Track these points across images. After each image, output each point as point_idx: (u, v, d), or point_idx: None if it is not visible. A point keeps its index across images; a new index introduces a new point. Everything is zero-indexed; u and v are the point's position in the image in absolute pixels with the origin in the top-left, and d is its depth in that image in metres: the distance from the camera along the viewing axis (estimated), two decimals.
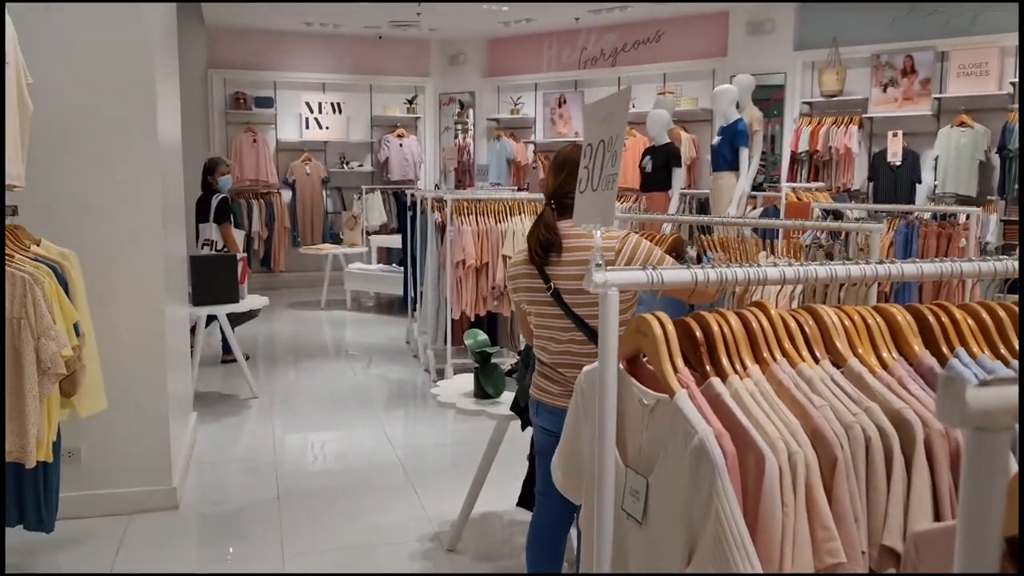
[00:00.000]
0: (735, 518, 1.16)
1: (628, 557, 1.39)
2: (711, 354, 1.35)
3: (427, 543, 3.69)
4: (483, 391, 3.46)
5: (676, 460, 1.26)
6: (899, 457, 1.22)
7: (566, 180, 2.51)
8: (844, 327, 1.39)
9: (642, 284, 1.31)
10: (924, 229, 4.98)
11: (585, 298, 2.44)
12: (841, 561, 1.16)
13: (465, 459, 4.80)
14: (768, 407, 1.27)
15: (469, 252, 5.78)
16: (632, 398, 1.39)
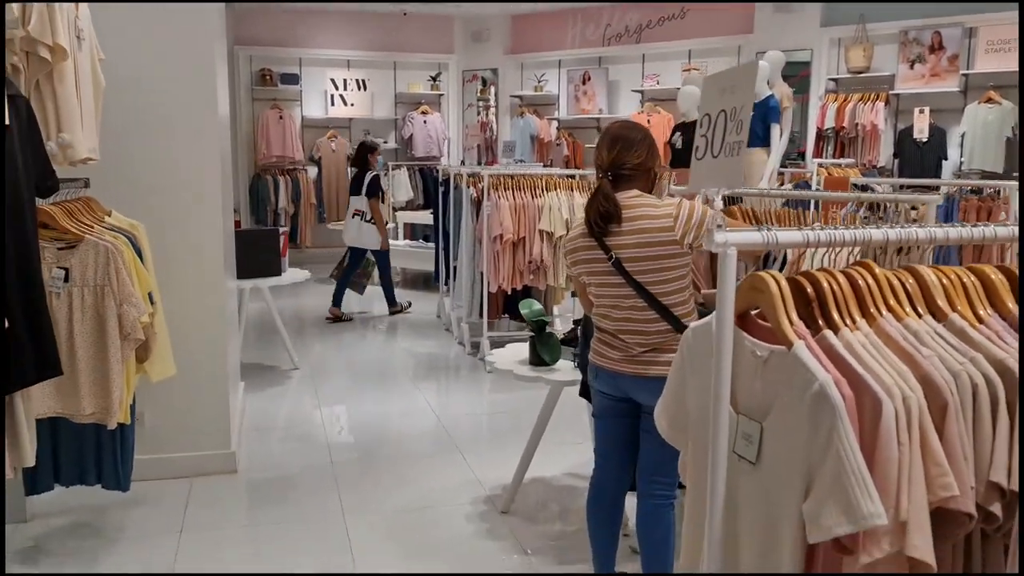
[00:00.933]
0: (855, 456, 1.27)
1: (739, 496, 1.50)
2: (822, 309, 1.45)
3: (481, 505, 3.83)
4: (539, 358, 3.57)
5: (793, 405, 1.37)
6: (1003, 401, 1.33)
7: (620, 154, 2.62)
8: (943, 285, 1.49)
9: (758, 244, 1.42)
10: (964, 203, 5.06)
11: (646, 265, 2.55)
12: (954, 494, 1.27)
13: (506, 427, 4.95)
14: (879, 356, 1.38)
15: (507, 227, 5.88)
16: (744, 350, 1.49)
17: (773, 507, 1.42)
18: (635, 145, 2.64)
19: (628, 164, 2.62)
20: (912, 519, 1.26)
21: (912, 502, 1.27)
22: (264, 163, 10.77)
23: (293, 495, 3.95)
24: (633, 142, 2.64)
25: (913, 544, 1.25)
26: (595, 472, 2.92)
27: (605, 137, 2.69)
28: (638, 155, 2.63)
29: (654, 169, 2.68)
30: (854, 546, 1.29)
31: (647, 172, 2.67)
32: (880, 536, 1.27)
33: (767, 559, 1.44)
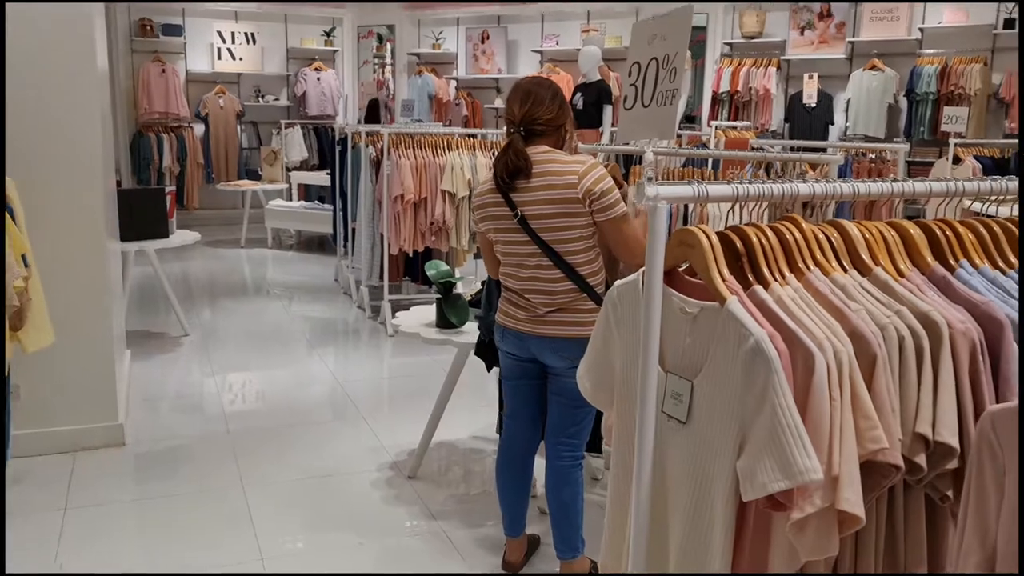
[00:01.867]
0: (791, 411, 1.25)
1: (668, 456, 1.47)
2: (751, 264, 1.42)
3: (387, 471, 3.75)
4: (447, 320, 3.49)
5: (727, 362, 1.34)
6: (928, 354, 1.33)
7: (532, 108, 2.55)
8: (865, 240, 1.49)
9: (690, 197, 1.37)
10: (857, 166, 5.23)
11: (551, 223, 2.50)
12: (884, 447, 1.27)
13: (410, 391, 4.86)
14: (809, 311, 1.36)
15: (408, 187, 5.73)
16: (672, 307, 1.45)
17: (704, 466, 1.40)
18: (547, 100, 2.57)
19: (540, 119, 2.55)
20: (843, 473, 1.26)
21: (843, 456, 1.26)
22: (146, 120, 10.19)
23: (187, 467, 3.76)
24: (545, 98, 2.57)
25: (844, 498, 1.25)
26: (504, 433, 2.88)
27: (516, 92, 2.61)
28: (550, 111, 2.56)
29: (565, 126, 2.63)
30: (788, 502, 1.27)
31: (558, 129, 2.61)
32: (812, 491, 1.26)
33: (698, 519, 1.42)
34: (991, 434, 1.01)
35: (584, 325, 2.55)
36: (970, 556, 1.06)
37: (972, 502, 1.07)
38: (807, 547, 1.30)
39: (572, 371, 2.60)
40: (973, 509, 1.07)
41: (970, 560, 1.06)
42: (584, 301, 2.56)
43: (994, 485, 1.03)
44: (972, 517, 1.07)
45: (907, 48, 8.38)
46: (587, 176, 2.45)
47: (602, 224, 2.49)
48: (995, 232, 1.59)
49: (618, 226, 2.47)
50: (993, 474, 1.02)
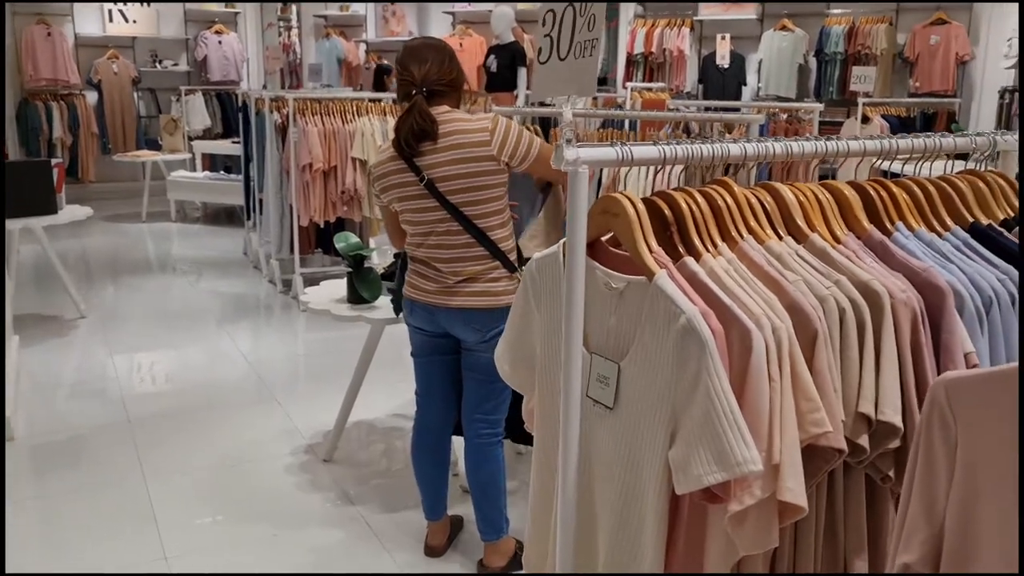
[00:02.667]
0: (727, 396, 1.14)
1: (594, 445, 1.36)
2: (681, 234, 1.30)
3: (302, 455, 3.56)
4: (358, 296, 3.31)
5: (656, 342, 1.22)
6: (870, 327, 1.24)
7: (431, 68, 2.40)
8: (800, 203, 1.39)
9: (612, 160, 1.24)
10: (774, 126, 5.22)
11: (461, 184, 2.36)
12: (827, 431, 1.17)
13: (324, 370, 4.66)
14: (745, 284, 1.25)
15: (316, 155, 5.47)
16: (596, 282, 1.33)
17: (634, 455, 1.28)
18: (446, 61, 2.45)
19: (443, 80, 2.41)
20: (785, 461, 1.16)
21: (784, 442, 1.16)
22: (32, 87, 9.53)
23: (85, 460, 3.51)
24: (444, 58, 2.44)
25: (787, 487, 1.15)
26: (417, 413, 2.75)
27: (412, 53, 2.45)
28: (450, 71, 2.44)
29: (462, 86, 2.50)
30: (725, 494, 1.17)
31: (457, 89, 2.48)
32: (751, 482, 1.16)
33: (628, 511, 1.30)
34: (944, 404, 0.92)
35: (496, 295, 2.43)
36: (915, 533, 0.97)
37: (919, 476, 0.98)
38: (746, 541, 1.20)
39: (485, 345, 2.47)
40: (920, 484, 0.98)
41: (915, 538, 0.98)
42: (496, 269, 2.44)
43: (944, 459, 0.94)
44: (918, 492, 0.98)
45: (816, 9, 8.44)
46: (497, 130, 2.34)
47: (532, 168, 2.43)
48: (929, 192, 1.51)
49: (547, 159, 2.38)
50: (943, 447, 0.93)
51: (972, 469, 0.89)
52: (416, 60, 2.43)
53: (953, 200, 1.51)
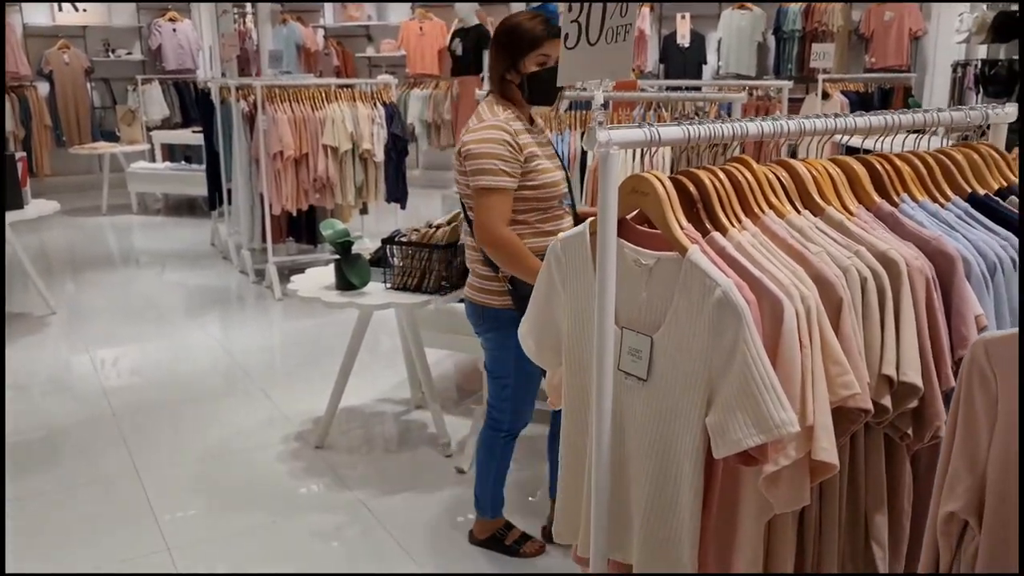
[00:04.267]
0: (763, 363, 1.19)
1: (626, 417, 1.41)
2: (707, 210, 1.35)
3: (293, 443, 3.57)
4: (347, 282, 3.32)
5: (691, 314, 1.27)
6: (890, 293, 1.30)
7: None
8: (814, 178, 1.45)
9: (642, 141, 1.28)
10: (744, 104, 5.30)
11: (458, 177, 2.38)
12: (856, 392, 1.23)
13: (305, 357, 4.66)
14: (771, 256, 1.31)
15: (287, 143, 5.43)
16: (624, 260, 1.37)
17: (668, 424, 1.34)
18: None
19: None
20: (818, 422, 1.22)
21: (816, 405, 1.23)
22: None
23: (74, 456, 3.47)
24: None
25: (821, 447, 1.22)
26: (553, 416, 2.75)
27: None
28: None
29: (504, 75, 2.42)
30: (762, 456, 1.23)
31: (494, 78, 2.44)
32: (787, 443, 1.22)
33: (663, 480, 1.36)
34: (984, 362, 0.99)
35: (482, 292, 2.43)
36: (958, 483, 1.04)
37: (961, 430, 1.05)
38: (781, 500, 1.27)
39: (482, 339, 2.52)
40: (962, 436, 1.04)
41: (959, 487, 1.05)
42: (482, 266, 2.42)
43: (985, 412, 1.01)
44: (960, 444, 1.05)
45: None
46: (468, 134, 2.32)
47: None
48: (930, 164, 1.58)
49: (475, 197, 2.29)
50: (985, 401, 1.00)
51: (1013, 419, 0.95)
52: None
53: (952, 172, 1.59)
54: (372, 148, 5.63)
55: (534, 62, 2.29)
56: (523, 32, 2.31)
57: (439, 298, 3.28)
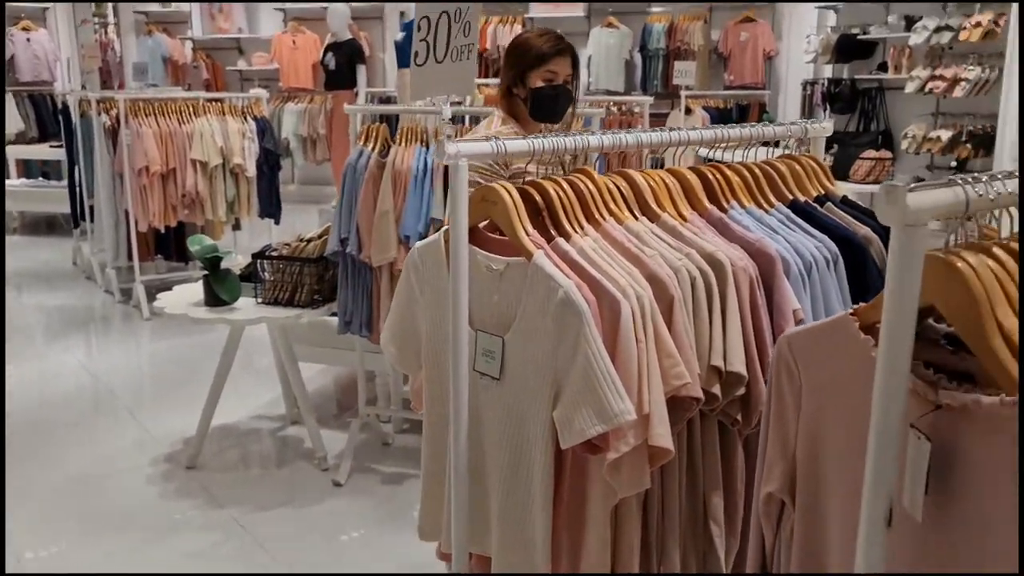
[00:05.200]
0: (603, 358, 1.30)
1: (483, 414, 1.48)
2: (552, 218, 1.45)
3: (163, 464, 3.49)
4: (217, 298, 3.28)
5: (537, 315, 1.36)
6: (716, 291, 1.43)
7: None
8: (651, 188, 1.57)
9: (490, 153, 1.37)
10: (609, 118, 5.52)
11: None
12: (687, 382, 1.35)
13: (175, 376, 4.55)
14: (610, 259, 1.41)
15: (153, 157, 5.28)
16: (477, 265, 1.45)
17: (520, 420, 1.42)
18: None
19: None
20: (653, 411, 1.33)
21: (652, 395, 1.33)
22: None
23: None
24: None
25: (657, 433, 1.32)
26: None
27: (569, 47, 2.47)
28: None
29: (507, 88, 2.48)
30: (604, 444, 1.33)
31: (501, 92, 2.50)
32: (626, 431, 1.33)
33: (517, 472, 1.44)
34: (788, 356, 1.11)
35: None
36: (774, 466, 1.16)
37: (773, 418, 1.17)
38: (624, 484, 1.37)
39: None
40: (774, 424, 1.16)
41: (775, 470, 1.17)
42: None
43: (792, 401, 1.13)
44: (773, 431, 1.17)
45: (638, 7, 8.93)
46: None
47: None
48: (756, 174, 1.74)
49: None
50: (790, 391, 1.12)
51: (816, 406, 1.08)
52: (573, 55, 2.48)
53: (776, 181, 1.75)
54: (243, 163, 5.55)
55: (540, 78, 2.35)
56: (530, 47, 2.37)
57: (312, 311, 3.29)
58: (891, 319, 0.80)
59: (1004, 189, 0.83)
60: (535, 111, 2.40)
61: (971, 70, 6.55)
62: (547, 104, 2.39)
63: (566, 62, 2.43)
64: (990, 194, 0.81)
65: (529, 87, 2.38)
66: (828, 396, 1.05)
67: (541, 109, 2.40)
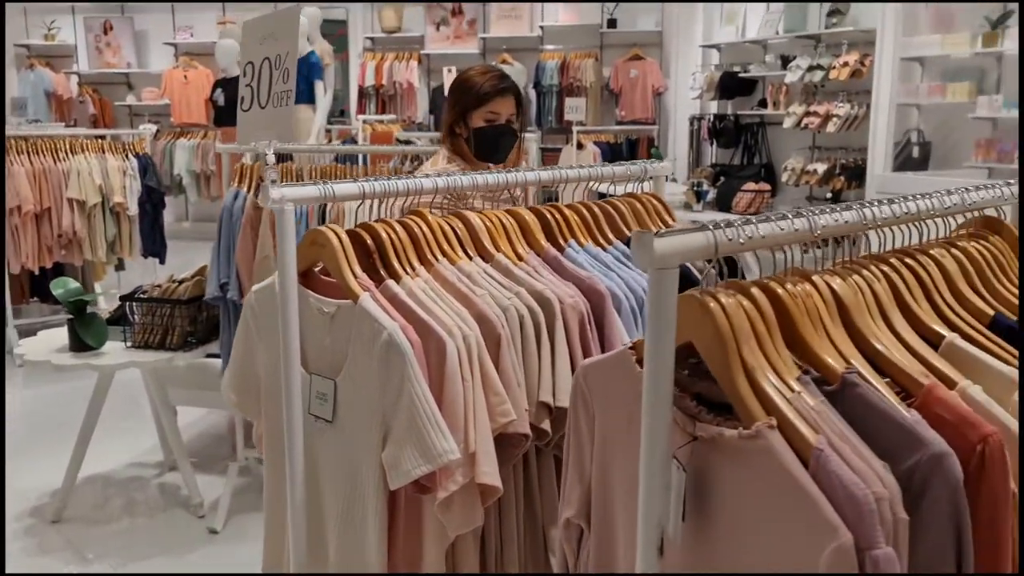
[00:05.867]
0: (427, 398, 1.31)
1: (319, 456, 1.48)
2: (383, 260, 1.47)
3: (27, 519, 3.33)
4: (82, 343, 3.16)
5: (365, 357, 1.37)
6: (545, 328, 1.47)
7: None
8: (487, 228, 1.61)
9: (316, 197, 1.38)
10: None
11: None
12: (513, 419, 1.38)
13: (46, 425, 4.35)
14: (439, 299, 1.44)
15: (25, 196, 5.09)
16: (310, 308, 1.46)
17: (353, 461, 1.43)
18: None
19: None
20: (479, 449, 1.35)
21: (478, 433, 1.36)
22: None
23: None
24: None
25: (483, 471, 1.34)
26: None
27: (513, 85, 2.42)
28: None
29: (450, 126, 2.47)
30: (432, 484, 1.34)
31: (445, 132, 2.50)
32: (454, 470, 1.34)
33: (352, 514, 1.44)
34: (583, 386, 1.15)
35: None
36: (572, 492, 1.20)
37: (571, 446, 1.20)
38: (455, 522, 1.39)
39: None
40: (572, 452, 1.20)
41: (572, 495, 1.20)
42: None
43: (587, 430, 1.16)
44: (572, 458, 1.20)
45: (532, 44, 9.12)
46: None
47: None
48: (596, 213, 1.80)
49: None
50: (586, 420, 1.16)
51: (604, 435, 1.12)
52: (516, 93, 2.45)
53: (615, 219, 1.81)
54: (124, 201, 5.40)
55: (481, 118, 2.32)
56: (472, 86, 2.34)
57: (186, 354, 3.21)
58: (651, 356, 0.85)
59: (756, 233, 0.89)
60: (477, 151, 2.37)
61: (841, 107, 6.93)
62: (489, 145, 2.35)
63: (509, 102, 2.39)
64: (740, 238, 0.87)
65: (471, 127, 2.36)
66: (613, 425, 1.09)
67: (483, 149, 2.36)
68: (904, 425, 0.78)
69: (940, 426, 0.83)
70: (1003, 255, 1.25)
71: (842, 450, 0.76)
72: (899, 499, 0.74)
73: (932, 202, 1.08)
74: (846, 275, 1.01)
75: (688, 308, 0.87)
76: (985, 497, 0.81)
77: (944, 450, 0.76)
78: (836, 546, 0.72)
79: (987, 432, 0.81)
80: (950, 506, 0.76)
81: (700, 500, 0.88)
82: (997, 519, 0.81)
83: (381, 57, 9.19)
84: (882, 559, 0.71)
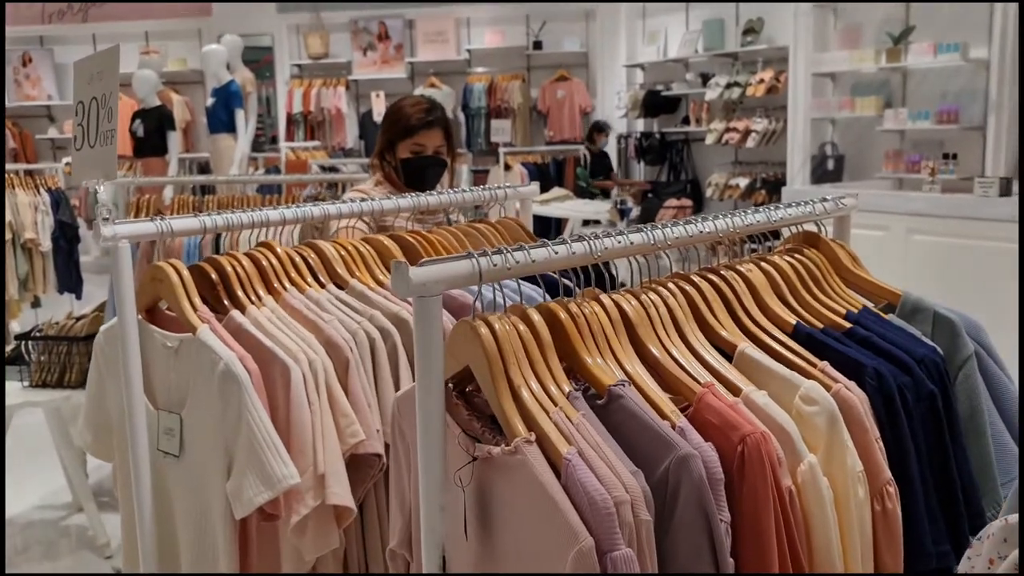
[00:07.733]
0: (265, 426, 1.32)
1: (170, 491, 1.47)
2: (228, 291, 1.47)
3: None
4: None
5: (205, 389, 1.37)
6: (400, 348, 1.48)
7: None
8: (342, 257, 1.62)
9: (153, 234, 1.38)
10: None
11: None
12: (362, 439, 1.39)
13: None
14: (285, 327, 1.44)
15: None
16: (155, 344, 1.45)
17: (202, 494, 1.42)
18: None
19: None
20: (328, 471, 1.36)
21: (327, 455, 1.36)
22: None
23: None
24: None
25: (333, 492, 1.35)
26: None
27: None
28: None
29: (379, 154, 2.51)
30: (277, 511, 1.34)
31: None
32: (303, 494, 1.35)
33: (203, 545, 1.43)
34: (398, 415, 1.16)
35: None
36: (395, 523, 1.21)
37: (392, 476, 1.21)
38: (310, 546, 1.38)
39: None
40: (393, 482, 1.21)
41: (396, 525, 1.21)
42: None
43: (405, 460, 1.17)
44: (393, 489, 1.21)
45: (459, 67, 9.19)
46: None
47: None
48: (460, 236, 1.82)
49: None
50: (403, 449, 1.17)
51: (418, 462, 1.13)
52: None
53: (480, 241, 1.84)
54: (36, 237, 5.29)
55: (408, 149, 2.36)
56: (399, 118, 2.38)
57: (84, 392, 3.15)
58: (421, 380, 0.87)
59: (527, 259, 0.92)
60: (406, 180, 2.41)
61: (759, 122, 7.11)
62: (415, 175, 2.39)
63: (436, 134, 2.43)
64: (507, 264, 0.90)
65: (398, 157, 2.39)
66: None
67: (410, 179, 2.40)
68: (659, 432, 0.82)
69: (708, 430, 0.87)
70: (819, 267, 1.30)
71: (591, 459, 0.79)
72: (643, 502, 0.78)
73: (732, 221, 1.12)
74: (641, 293, 1.04)
75: (462, 333, 0.89)
76: (747, 493, 0.85)
77: (688, 452, 0.80)
78: (578, 550, 0.75)
79: (746, 433, 0.84)
80: (697, 502, 0.80)
81: (482, 517, 0.90)
82: (759, 513, 0.85)
83: (308, 84, 9.17)
84: (620, 560, 0.75)
